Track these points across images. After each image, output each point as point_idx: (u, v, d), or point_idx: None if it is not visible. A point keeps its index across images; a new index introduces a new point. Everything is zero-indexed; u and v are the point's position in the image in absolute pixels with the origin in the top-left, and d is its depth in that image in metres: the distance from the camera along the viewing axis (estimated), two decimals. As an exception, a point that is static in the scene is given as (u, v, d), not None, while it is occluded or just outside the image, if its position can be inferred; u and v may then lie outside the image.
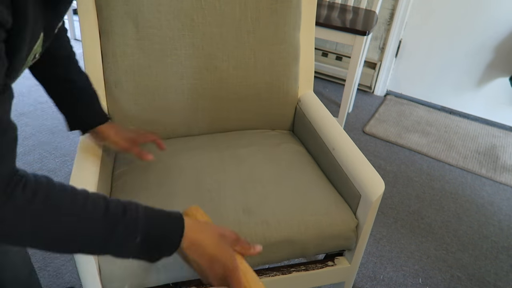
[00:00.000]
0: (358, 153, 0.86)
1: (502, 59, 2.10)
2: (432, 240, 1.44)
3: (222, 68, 1.02)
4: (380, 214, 1.52)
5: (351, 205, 0.83)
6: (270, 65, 1.05)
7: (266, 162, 0.94)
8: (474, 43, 2.14)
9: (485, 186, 1.75)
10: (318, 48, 2.48)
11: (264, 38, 1.03)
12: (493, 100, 2.22)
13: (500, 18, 2.02)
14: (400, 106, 2.36)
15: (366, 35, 1.62)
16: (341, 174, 0.86)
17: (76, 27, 2.78)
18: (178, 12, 0.95)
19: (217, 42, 1.00)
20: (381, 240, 1.41)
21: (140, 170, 0.89)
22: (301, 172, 0.93)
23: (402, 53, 2.35)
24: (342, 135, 0.93)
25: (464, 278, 1.30)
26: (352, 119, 2.17)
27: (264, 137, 1.08)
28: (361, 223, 0.81)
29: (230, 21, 1.00)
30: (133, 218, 0.49)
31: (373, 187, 0.77)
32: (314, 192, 0.86)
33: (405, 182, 1.72)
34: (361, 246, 0.84)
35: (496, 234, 1.49)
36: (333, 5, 1.97)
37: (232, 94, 1.05)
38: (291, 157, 0.99)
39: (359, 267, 1.29)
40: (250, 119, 1.11)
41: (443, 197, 1.66)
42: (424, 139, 2.04)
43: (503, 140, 2.12)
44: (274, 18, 1.02)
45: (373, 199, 0.76)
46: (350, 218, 0.83)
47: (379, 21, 2.27)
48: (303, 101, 1.10)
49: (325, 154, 0.93)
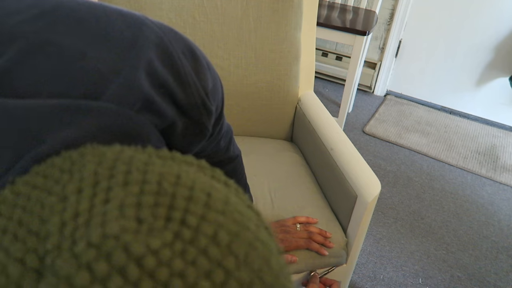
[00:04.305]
0: (355, 154, 0.87)
1: (502, 59, 2.10)
2: (432, 240, 1.44)
3: (223, 66, 1.02)
4: (380, 214, 1.52)
5: (347, 206, 0.84)
6: (271, 64, 1.05)
7: (262, 174, 0.95)
8: (474, 43, 2.14)
9: (485, 186, 1.75)
10: (318, 48, 2.48)
11: (265, 37, 1.03)
12: (493, 100, 2.22)
13: (500, 18, 2.03)
14: (400, 106, 2.36)
15: (366, 35, 1.62)
16: (338, 174, 0.86)
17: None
18: (180, 10, 0.95)
19: (218, 41, 1.00)
20: (381, 240, 1.41)
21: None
22: (297, 187, 0.94)
23: (402, 53, 2.35)
24: (340, 135, 0.93)
25: (464, 278, 1.30)
26: (352, 119, 2.17)
27: (263, 145, 1.09)
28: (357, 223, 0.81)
29: (231, 20, 1.00)
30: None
31: (369, 187, 0.78)
32: (307, 210, 0.86)
33: (405, 182, 1.72)
34: (357, 246, 0.84)
35: (496, 234, 1.49)
36: (333, 5, 1.97)
37: (232, 93, 1.05)
38: (288, 168, 1.00)
39: (359, 267, 1.29)
40: (250, 118, 1.11)
41: (443, 197, 1.66)
42: (424, 139, 2.04)
43: (503, 140, 2.12)
44: (276, 18, 1.02)
45: (369, 200, 0.76)
46: (340, 237, 0.84)
47: (379, 21, 2.27)
48: (303, 101, 1.10)
49: (323, 154, 0.93)
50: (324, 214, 0.87)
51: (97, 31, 0.31)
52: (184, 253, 0.16)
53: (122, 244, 0.16)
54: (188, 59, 0.37)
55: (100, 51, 0.30)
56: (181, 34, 0.39)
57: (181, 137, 0.40)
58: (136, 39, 0.33)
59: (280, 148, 1.09)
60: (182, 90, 0.36)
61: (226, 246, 0.17)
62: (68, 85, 0.28)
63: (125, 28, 0.33)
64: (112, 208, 0.17)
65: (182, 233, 0.17)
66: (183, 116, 0.38)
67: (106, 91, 0.30)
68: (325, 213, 0.88)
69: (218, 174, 0.24)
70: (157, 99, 0.34)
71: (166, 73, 0.34)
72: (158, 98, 0.34)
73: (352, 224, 0.83)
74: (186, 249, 0.16)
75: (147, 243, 0.16)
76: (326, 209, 0.89)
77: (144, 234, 0.16)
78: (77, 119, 0.27)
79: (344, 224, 0.86)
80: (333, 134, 0.94)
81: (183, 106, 0.37)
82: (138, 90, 0.32)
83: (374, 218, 1.50)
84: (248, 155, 1.01)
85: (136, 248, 0.16)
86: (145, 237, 0.16)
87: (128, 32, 0.33)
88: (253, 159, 1.00)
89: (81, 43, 0.30)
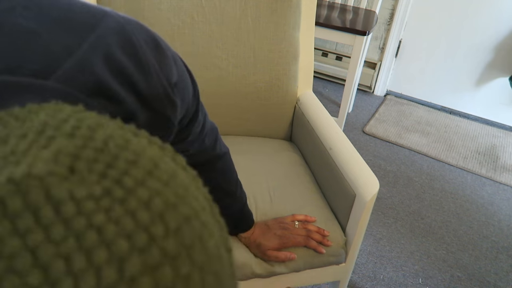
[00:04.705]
0: (354, 153, 0.87)
1: (502, 59, 2.10)
2: (432, 240, 1.43)
3: (222, 66, 1.02)
4: (380, 214, 1.52)
5: (346, 205, 0.84)
6: (270, 64, 1.05)
7: (261, 173, 0.95)
8: (474, 43, 2.14)
9: (485, 186, 1.75)
10: (318, 48, 2.48)
11: (264, 37, 1.03)
12: (493, 100, 2.22)
13: (500, 18, 2.02)
14: (400, 106, 2.36)
15: (366, 35, 1.62)
16: (337, 173, 0.86)
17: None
18: (178, 10, 0.95)
19: (217, 41, 1.00)
20: (381, 240, 1.40)
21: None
22: (295, 186, 0.94)
23: (402, 53, 2.35)
24: (339, 135, 0.93)
25: (464, 278, 1.30)
26: (352, 119, 2.17)
27: (262, 145, 1.09)
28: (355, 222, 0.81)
29: (230, 19, 1.00)
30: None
31: (367, 186, 0.78)
32: (306, 209, 0.86)
33: (405, 182, 1.72)
34: (355, 245, 0.84)
35: (496, 234, 1.49)
36: (333, 5, 1.97)
37: (231, 92, 1.05)
38: (287, 168, 0.99)
39: (359, 267, 1.29)
40: (249, 118, 1.11)
41: (443, 197, 1.66)
42: (424, 139, 2.03)
43: (503, 140, 2.12)
44: (274, 17, 1.02)
45: (368, 199, 0.76)
46: (339, 236, 0.84)
47: (379, 21, 2.27)
48: (302, 101, 1.10)
49: (322, 153, 0.93)
50: (323, 213, 0.87)
51: (58, 15, 0.31)
52: (109, 210, 0.15)
53: (44, 186, 0.15)
54: (151, 49, 0.37)
55: (57, 33, 0.31)
56: (147, 27, 0.39)
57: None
58: (96, 25, 0.33)
59: (279, 148, 1.09)
60: (144, 79, 0.36)
61: (158, 214, 0.17)
62: (18, 63, 0.28)
63: (87, 16, 0.33)
64: (47, 152, 0.17)
65: (113, 191, 0.16)
66: (146, 107, 0.37)
67: (57, 71, 0.30)
68: (324, 212, 0.88)
69: (180, 159, 0.22)
70: (115, 85, 0.34)
71: (127, 61, 0.34)
72: (116, 84, 0.34)
73: (351, 223, 0.83)
74: (112, 207, 0.16)
75: (71, 190, 0.15)
76: (325, 208, 0.89)
77: (72, 183, 0.16)
78: (17, 96, 0.27)
79: (343, 223, 0.86)
80: (332, 134, 0.94)
81: (146, 96, 0.37)
82: (90, 72, 0.32)
83: (374, 218, 1.50)
84: (247, 155, 1.01)
85: (57, 192, 0.15)
86: (71, 185, 0.16)
87: (90, 19, 0.33)
88: (252, 158, 1.00)
89: (38, 25, 0.30)
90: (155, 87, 0.37)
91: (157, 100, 0.38)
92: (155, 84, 0.37)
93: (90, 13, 0.33)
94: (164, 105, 0.39)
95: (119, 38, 0.34)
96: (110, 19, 0.34)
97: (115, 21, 0.34)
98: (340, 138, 0.92)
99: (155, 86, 0.37)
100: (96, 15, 0.33)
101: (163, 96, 0.38)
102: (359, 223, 0.80)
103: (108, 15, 0.34)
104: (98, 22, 0.33)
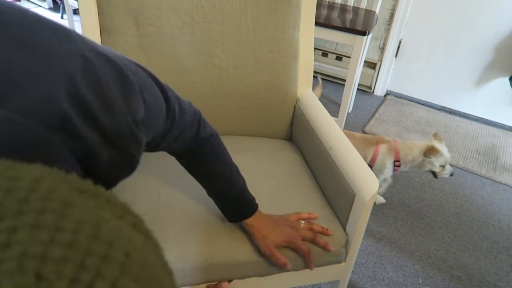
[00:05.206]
0: (354, 153, 0.87)
1: (502, 59, 2.10)
2: (432, 240, 1.43)
3: (222, 66, 1.02)
4: (380, 214, 1.52)
5: (346, 205, 0.84)
6: (270, 64, 1.05)
7: (261, 173, 0.95)
8: (474, 43, 2.14)
9: (485, 186, 1.75)
10: (318, 48, 2.48)
11: (263, 37, 1.03)
12: (493, 100, 2.22)
13: (500, 18, 2.02)
14: (400, 106, 2.36)
15: (366, 35, 1.62)
16: (336, 173, 0.86)
17: (77, 27, 2.78)
18: (178, 10, 0.95)
19: (217, 41, 1.00)
20: (381, 240, 1.41)
21: (139, 174, 0.89)
22: (296, 185, 0.94)
23: (402, 53, 2.35)
24: (339, 134, 0.93)
25: (464, 278, 1.30)
26: (352, 119, 2.17)
27: (262, 144, 1.09)
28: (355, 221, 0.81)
29: (230, 20, 1.00)
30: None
31: (367, 186, 0.78)
32: (306, 208, 0.86)
33: (405, 182, 1.72)
34: (355, 244, 0.84)
35: (496, 234, 1.49)
36: (333, 5, 1.97)
37: (231, 93, 1.05)
38: (287, 167, 0.99)
39: (359, 267, 1.29)
40: (249, 118, 1.11)
41: (443, 197, 1.66)
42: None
43: (503, 140, 2.12)
44: (274, 17, 1.02)
45: (367, 198, 0.76)
46: (340, 235, 0.83)
47: (379, 21, 2.28)
48: (302, 101, 1.10)
49: (322, 153, 0.93)
50: (323, 212, 0.87)
51: (21, 37, 0.29)
52: None
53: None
54: (117, 85, 0.36)
55: (18, 56, 0.29)
56: (118, 59, 0.37)
57: (107, 168, 0.38)
58: (61, 52, 0.31)
59: (279, 148, 1.09)
60: (108, 116, 0.35)
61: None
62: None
63: (53, 40, 0.31)
64: (11, 256, 0.15)
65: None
66: (109, 144, 0.36)
67: (15, 99, 0.28)
68: (324, 211, 0.87)
69: (140, 221, 0.21)
70: (76, 120, 0.32)
71: (90, 94, 0.33)
72: (78, 119, 0.32)
73: (351, 223, 0.83)
74: None
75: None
76: (325, 208, 0.89)
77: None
78: None
79: (343, 223, 0.86)
80: (332, 134, 0.94)
81: (109, 133, 0.35)
82: (55, 105, 0.30)
83: (374, 218, 1.50)
84: (247, 154, 1.01)
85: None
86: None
87: (55, 44, 0.31)
88: (252, 158, 1.00)
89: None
90: (119, 124, 0.36)
91: (121, 137, 0.37)
92: (119, 121, 0.36)
93: (56, 35, 0.32)
94: (128, 142, 0.38)
95: (82, 69, 0.32)
96: (75, 47, 0.32)
97: (80, 50, 0.33)
98: (340, 137, 0.92)
99: (119, 123, 0.36)
100: (61, 40, 0.32)
101: (128, 133, 0.38)
102: (359, 222, 0.80)
103: (74, 42, 0.33)
104: (62, 49, 0.31)
